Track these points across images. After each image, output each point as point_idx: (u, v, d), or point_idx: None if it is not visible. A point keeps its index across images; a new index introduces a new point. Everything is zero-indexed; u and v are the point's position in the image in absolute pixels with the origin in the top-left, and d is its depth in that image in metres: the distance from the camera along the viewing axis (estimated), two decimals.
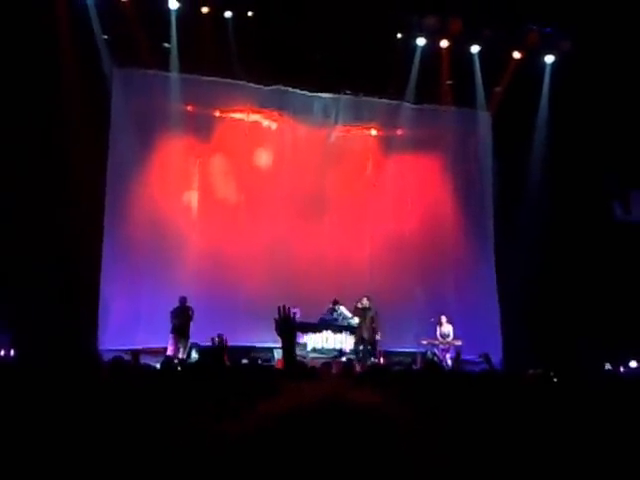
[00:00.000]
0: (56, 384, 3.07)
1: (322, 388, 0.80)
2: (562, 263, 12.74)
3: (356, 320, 11.94)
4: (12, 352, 9.62)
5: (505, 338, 13.13)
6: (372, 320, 11.75)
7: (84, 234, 11.31)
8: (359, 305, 11.81)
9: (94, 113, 11.81)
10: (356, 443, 0.70)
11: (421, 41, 13.38)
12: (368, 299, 11.85)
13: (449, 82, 13.69)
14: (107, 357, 6.08)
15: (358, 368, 8.75)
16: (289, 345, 3.32)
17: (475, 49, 13.54)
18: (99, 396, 2.82)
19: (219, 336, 4.42)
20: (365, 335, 11.71)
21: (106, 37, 12.09)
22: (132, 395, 2.93)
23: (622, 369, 9.85)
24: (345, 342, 12.03)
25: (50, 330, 9.84)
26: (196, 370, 4.93)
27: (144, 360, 7.97)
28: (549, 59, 13.73)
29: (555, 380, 4.91)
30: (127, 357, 8.20)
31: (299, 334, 10.95)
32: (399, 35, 13.29)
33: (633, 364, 10.29)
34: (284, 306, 3.34)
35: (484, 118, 14.24)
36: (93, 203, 11.77)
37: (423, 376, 4.82)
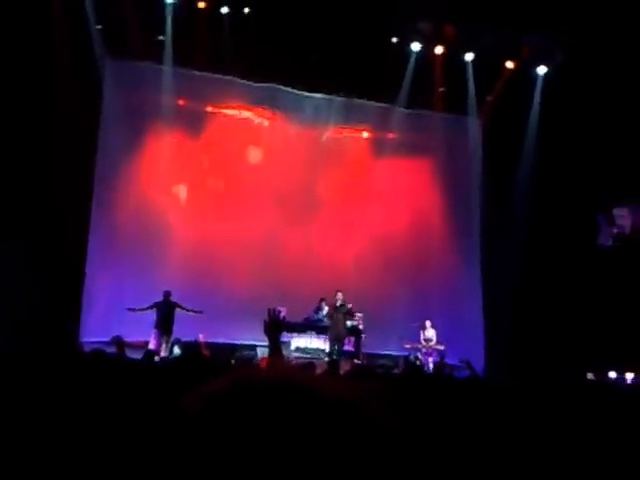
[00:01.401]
0: (35, 374, 3.04)
1: (271, 369, 0.80)
2: (547, 272, 12.84)
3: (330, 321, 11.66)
4: None
5: (487, 345, 13.21)
6: (344, 318, 11.51)
7: (70, 224, 11.22)
8: (337, 304, 11.54)
9: (85, 103, 11.72)
10: (306, 424, 0.68)
11: (416, 46, 13.43)
12: (342, 292, 11.56)
13: (441, 89, 13.75)
14: (88, 349, 6.03)
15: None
16: (276, 344, 3.33)
17: (469, 57, 13.62)
18: (78, 387, 2.79)
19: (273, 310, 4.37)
20: (335, 334, 11.45)
21: (100, 27, 12.00)
22: (111, 387, 2.91)
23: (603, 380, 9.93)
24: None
25: (33, 321, 9.74)
26: (177, 364, 4.92)
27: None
28: (541, 70, 13.84)
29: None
30: (111, 348, 8.13)
31: (284, 333, 10.92)
32: (394, 39, 13.33)
33: (612, 374, 10.39)
34: (274, 308, 3.35)
35: (474, 126, 14.33)
36: (81, 193, 11.68)
37: (404, 379, 4.84)
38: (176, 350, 10.72)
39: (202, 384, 0.74)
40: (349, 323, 11.76)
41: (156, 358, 8.18)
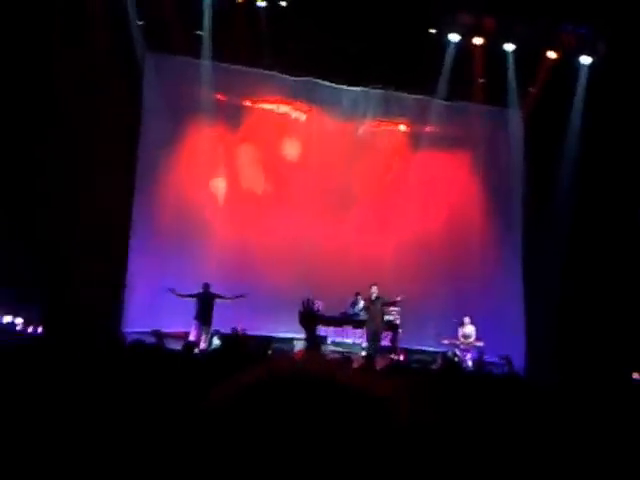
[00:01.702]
0: (78, 363, 3.12)
1: (294, 362, 0.80)
2: (590, 268, 12.54)
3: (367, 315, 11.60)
4: (40, 329, 9.81)
5: (528, 342, 12.98)
6: (381, 311, 11.46)
7: (113, 217, 11.51)
8: (372, 297, 11.48)
9: (126, 97, 11.95)
10: (326, 416, 0.68)
11: (454, 37, 13.22)
12: (376, 286, 11.48)
13: (481, 80, 13.51)
14: (130, 338, 6.16)
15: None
16: (312, 337, 3.34)
17: (510, 47, 13.34)
18: (118, 377, 2.85)
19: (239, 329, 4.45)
20: (372, 328, 11.40)
21: (140, 22, 12.19)
22: (151, 377, 2.96)
23: None
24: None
25: (77, 310, 10.02)
26: (216, 356, 4.98)
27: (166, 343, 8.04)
28: (585, 60, 13.46)
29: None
30: (151, 338, 8.31)
31: (320, 327, 10.96)
32: (432, 31, 13.15)
33: None
34: (308, 299, 3.35)
35: (516, 117, 14.04)
36: (123, 187, 11.95)
37: (441, 375, 4.79)
38: (215, 341, 10.88)
39: (233, 377, 0.75)
40: (386, 317, 11.70)
41: (195, 350, 8.31)
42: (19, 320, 10.04)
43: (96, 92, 11.48)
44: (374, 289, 11.46)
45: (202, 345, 10.58)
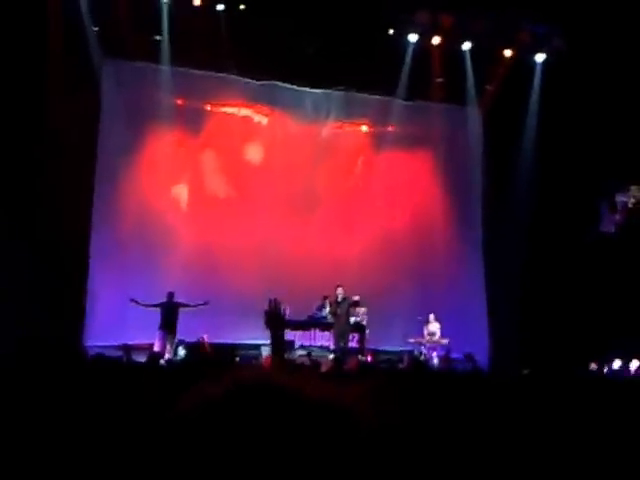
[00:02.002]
0: (39, 380, 3.06)
1: (258, 372, 0.81)
2: (550, 261, 12.81)
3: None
4: None
5: (492, 338, 13.20)
6: (348, 313, 11.36)
7: (72, 227, 11.24)
8: (338, 298, 11.33)
9: (84, 105, 11.72)
10: (289, 427, 0.69)
11: (413, 37, 13.37)
12: (342, 287, 11.36)
13: (440, 79, 13.70)
14: (93, 352, 6.05)
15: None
16: (278, 341, 3.33)
17: (467, 46, 13.55)
18: (82, 393, 2.81)
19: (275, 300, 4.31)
20: (339, 330, 11.30)
21: (96, 29, 11.99)
22: (116, 392, 2.93)
23: (606, 369, 9.92)
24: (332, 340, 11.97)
25: (36, 324, 9.77)
26: (182, 366, 4.93)
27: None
28: (540, 57, 13.76)
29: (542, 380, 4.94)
30: (119, 353, 8.18)
31: (288, 331, 10.91)
32: (391, 31, 13.27)
33: (617, 364, 10.37)
34: (275, 299, 3.33)
35: (475, 115, 14.27)
36: (81, 195, 11.70)
37: (408, 374, 4.85)
38: (181, 351, 10.75)
39: (198, 386, 0.76)
40: (352, 319, 11.68)
41: (161, 360, 8.20)
42: None
43: (53, 100, 11.25)
44: (340, 290, 11.35)
45: (167, 355, 10.43)
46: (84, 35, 11.85)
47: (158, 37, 12.54)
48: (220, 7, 12.51)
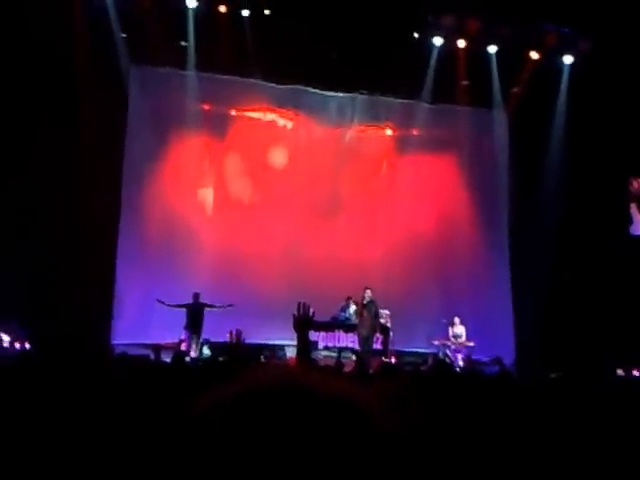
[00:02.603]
0: (66, 378, 3.10)
1: (277, 371, 0.80)
2: (577, 267, 12.61)
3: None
4: (27, 345, 9.74)
5: (518, 341, 13.03)
6: (375, 315, 11.30)
7: (100, 230, 11.45)
8: (365, 301, 11.32)
9: (111, 110, 11.92)
10: (308, 427, 0.69)
11: (438, 41, 13.31)
12: (370, 290, 11.34)
13: (465, 82, 13.61)
14: (120, 351, 6.12)
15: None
16: (304, 342, 3.32)
17: (492, 49, 13.45)
18: (107, 391, 2.84)
19: (237, 331, 4.35)
20: (364, 333, 11.26)
21: (124, 35, 12.18)
22: (142, 391, 2.95)
23: (636, 373, 9.72)
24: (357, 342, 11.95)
25: (65, 324, 9.95)
26: (210, 366, 4.96)
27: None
28: (568, 60, 13.59)
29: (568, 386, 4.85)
30: (145, 351, 8.29)
31: (311, 332, 10.92)
32: (416, 35, 13.24)
33: None
34: (304, 303, 3.31)
35: (501, 118, 14.14)
36: (109, 199, 11.89)
37: (433, 376, 4.80)
38: (205, 351, 10.84)
39: (218, 386, 0.76)
40: (375, 321, 11.64)
41: (186, 358, 8.28)
42: (6, 337, 9.96)
43: (81, 106, 11.45)
44: (368, 293, 11.32)
45: (192, 354, 10.55)
46: (112, 41, 12.04)
47: (184, 43, 12.68)
48: (245, 12, 12.60)
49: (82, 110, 11.42)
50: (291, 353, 10.87)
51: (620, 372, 9.04)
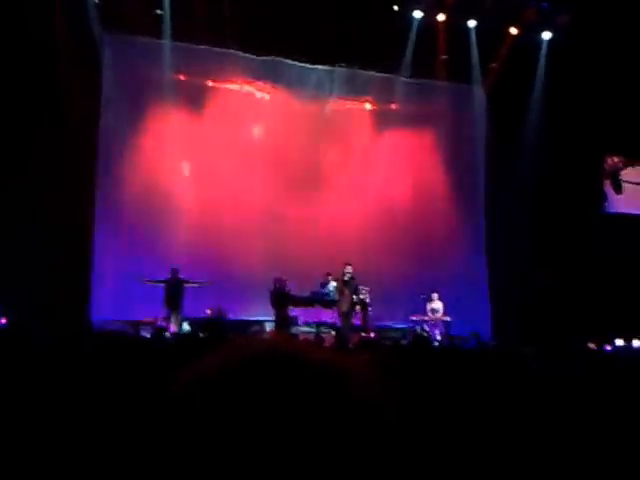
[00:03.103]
0: (45, 354, 3.06)
1: (260, 341, 0.79)
2: (552, 243, 12.80)
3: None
4: (3, 321, 9.60)
5: (494, 316, 13.24)
6: (355, 291, 11.27)
7: (75, 203, 11.21)
8: (345, 277, 11.22)
9: (84, 79, 11.62)
10: (295, 395, 0.68)
11: (418, 14, 13.21)
12: (350, 266, 11.21)
13: (444, 57, 13.56)
14: (99, 327, 6.06)
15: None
16: (282, 317, 3.34)
17: (472, 24, 13.40)
18: (88, 366, 2.81)
19: (219, 308, 4.35)
20: (344, 308, 11.20)
21: (97, 1, 11.84)
22: (122, 366, 2.93)
23: (608, 348, 9.96)
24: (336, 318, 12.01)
25: (42, 300, 9.82)
26: (190, 341, 4.94)
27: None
28: (546, 35, 13.61)
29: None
30: (128, 328, 8.24)
31: (291, 308, 10.94)
32: (396, 7, 13.11)
33: (619, 342, 10.43)
34: (280, 278, 3.33)
35: (479, 94, 14.17)
36: (85, 171, 11.65)
37: (411, 349, 4.86)
38: (185, 326, 10.80)
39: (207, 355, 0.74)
40: (355, 297, 11.68)
41: (166, 334, 8.25)
42: None
43: (54, 74, 11.15)
44: (349, 269, 11.21)
45: (172, 330, 10.48)
46: (85, 7, 11.70)
47: (159, 11, 12.39)
48: None
49: (55, 80, 11.11)
50: (269, 328, 10.90)
51: (591, 345, 9.27)
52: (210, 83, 13.22)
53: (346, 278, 11.24)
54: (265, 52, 12.88)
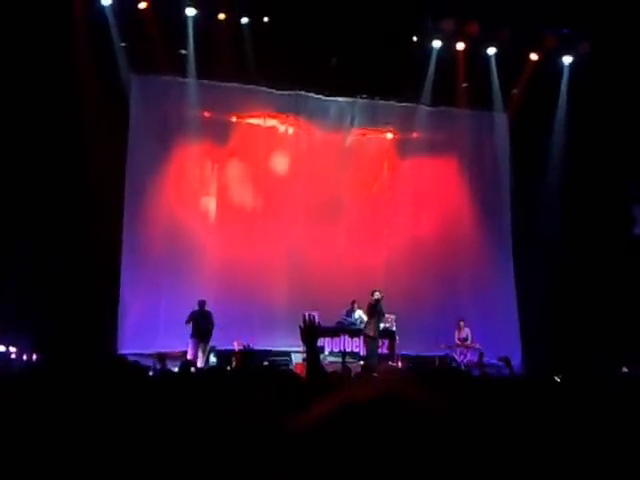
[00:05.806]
0: (74, 390, 3.08)
1: (374, 386, 0.81)
2: (581, 268, 12.58)
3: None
4: (34, 357, 9.72)
5: (524, 342, 13.00)
6: (381, 316, 11.26)
7: (103, 239, 11.43)
8: (372, 302, 11.23)
9: (112, 120, 11.93)
10: (410, 439, 0.70)
11: (437, 44, 13.33)
12: (377, 292, 11.24)
13: (465, 85, 13.62)
14: (128, 360, 6.07)
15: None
16: (313, 352, 3.33)
17: (492, 51, 13.46)
18: (116, 399, 2.82)
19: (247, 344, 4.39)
20: (371, 334, 11.17)
21: (124, 44, 12.21)
22: (150, 400, 2.93)
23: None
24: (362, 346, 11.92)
25: (70, 334, 9.94)
26: (218, 374, 4.92)
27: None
28: (567, 60, 13.59)
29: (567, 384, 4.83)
30: (154, 361, 8.26)
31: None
32: (415, 38, 13.26)
33: None
34: (309, 314, 3.34)
35: (501, 120, 14.15)
36: (112, 208, 11.89)
37: (438, 373, 4.78)
38: (212, 359, 10.81)
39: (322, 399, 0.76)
40: (381, 325, 11.61)
41: (192, 369, 8.25)
42: (12, 349, 9.95)
43: (82, 116, 11.46)
44: (376, 295, 11.21)
45: (199, 364, 10.49)
46: (112, 50, 12.07)
47: (184, 51, 12.71)
48: (244, 20, 12.64)
49: (84, 121, 11.42)
50: (296, 359, 10.86)
51: (625, 370, 9.03)
52: (234, 119, 13.46)
53: (373, 303, 11.15)
54: (287, 86, 13.11)
